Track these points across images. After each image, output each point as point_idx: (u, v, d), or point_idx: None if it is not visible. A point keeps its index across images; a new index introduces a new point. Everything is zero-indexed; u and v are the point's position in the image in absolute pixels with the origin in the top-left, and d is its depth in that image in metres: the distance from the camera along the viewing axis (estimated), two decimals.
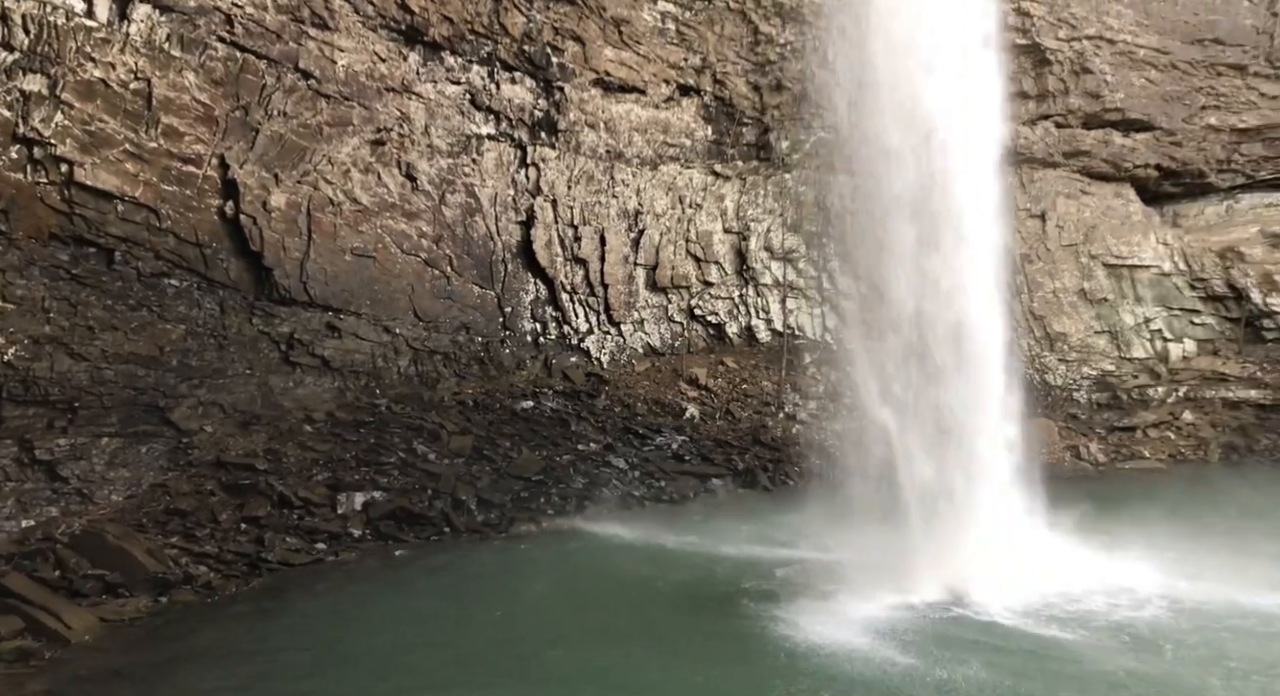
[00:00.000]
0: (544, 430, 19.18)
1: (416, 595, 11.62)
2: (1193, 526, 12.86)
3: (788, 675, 8.31)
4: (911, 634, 9.17)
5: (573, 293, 24.12)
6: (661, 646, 9.50)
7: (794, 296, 25.89)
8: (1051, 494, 12.72)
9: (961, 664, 8.30)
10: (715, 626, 10.11)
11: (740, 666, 8.73)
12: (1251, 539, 12.36)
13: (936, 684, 7.92)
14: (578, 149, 24.74)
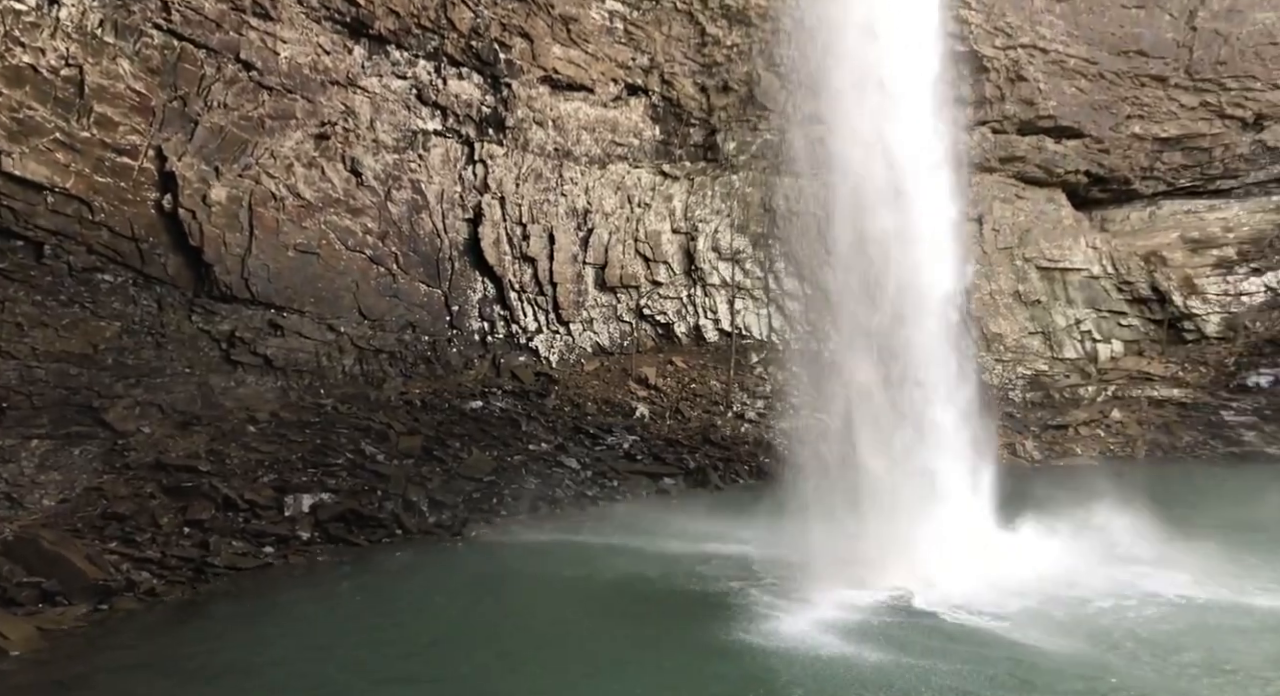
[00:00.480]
0: (494, 430, 18.99)
1: (370, 599, 11.39)
2: (1135, 520, 13.32)
3: (751, 673, 8.34)
4: (873, 629, 9.30)
5: (521, 291, 23.93)
6: (617, 648, 9.45)
7: (741, 297, 26.10)
8: (995, 490, 13.07)
9: (924, 657, 8.45)
10: (672, 626, 10.08)
11: (700, 666, 8.72)
12: (1193, 532, 12.84)
13: (903, 678, 8.04)
14: (526, 146, 24.56)
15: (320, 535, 13.61)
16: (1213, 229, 32.42)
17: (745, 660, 8.67)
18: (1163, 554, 11.86)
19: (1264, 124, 31.98)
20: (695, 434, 21.33)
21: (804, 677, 8.04)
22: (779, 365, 25.28)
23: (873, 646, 8.76)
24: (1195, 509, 15.68)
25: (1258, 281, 30.71)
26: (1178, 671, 8.26)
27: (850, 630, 9.22)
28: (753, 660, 8.65)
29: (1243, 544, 12.27)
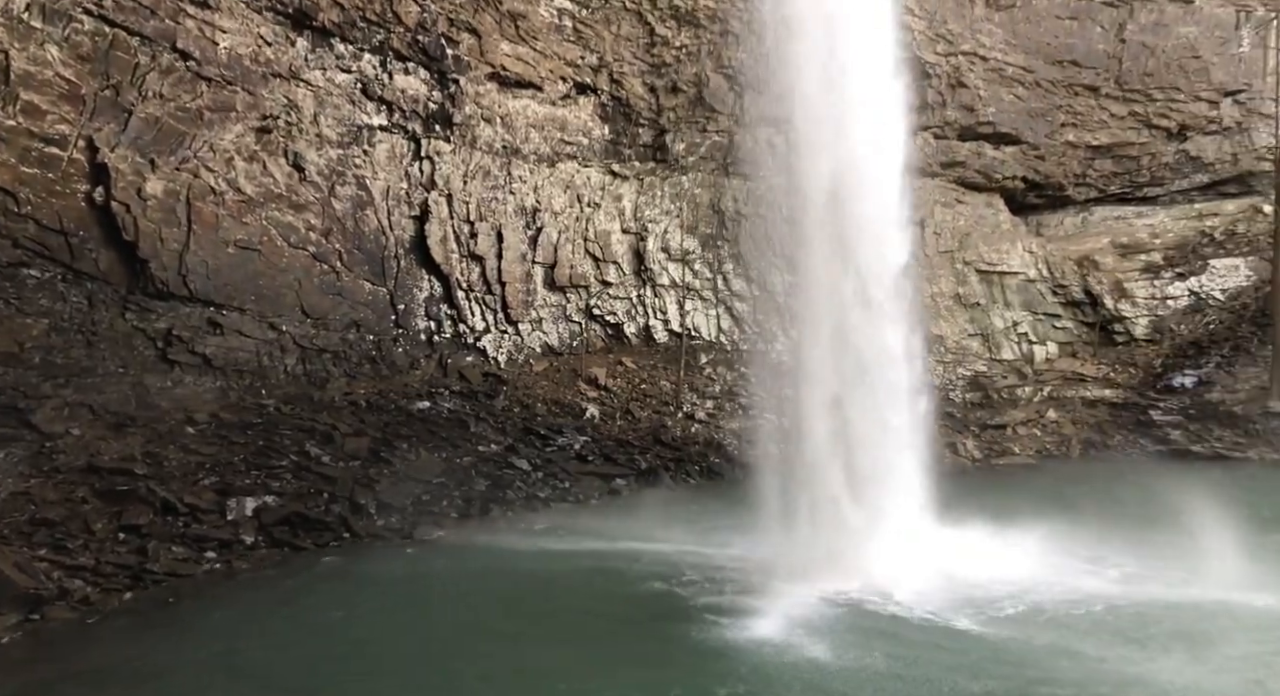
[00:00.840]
0: (442, 431, 18.67)
1: (317, 605, 11.07)
2: (1075, 517, 13.66)
3: (713, 674, 8.30)
4: (837, 629, 9.34)
5: (469, 290, 23.60)
6: (575, 651, 9.32)
7: (690, 298, 26.15)
8: (938, 489, 13.23)
9: (886, 655, 8.51)
10: (630, 627, 10.02)
11: (659, 668, 8.65)
12: (1131, 528, 13.18)
13: (868, 677, 8.08)
14: (474, 143, 24.24)
15: (264, 539, 13.19)
16: (1141, 235, 33.58)
17: (706, 663, 8.61)
18: (1104, 550, 12.17)
19: (1187, 134, 33.23)
20: (646, 434, 21.27)
21: (774, 679, 8.02)
22: (728, 366, 25.40)
23: (837, 645, 8.79)
24: (1129, 505, 16.15)
25: (1182, 286, 31.88)
26: (1135, 663, 8.46)
27: (817, 630, 9.24)
28: (714, 663, 8.59)
29: (1176, 539, 12.64)
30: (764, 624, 9.42)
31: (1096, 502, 16.74)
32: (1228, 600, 10.16)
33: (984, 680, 8.00)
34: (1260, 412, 26.12)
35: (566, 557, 12.59)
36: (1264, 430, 25.79)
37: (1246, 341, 29.45)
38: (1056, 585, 10.75)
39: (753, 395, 23.75)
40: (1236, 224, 33.68)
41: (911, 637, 9.07)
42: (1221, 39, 32.92)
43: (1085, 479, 21.47)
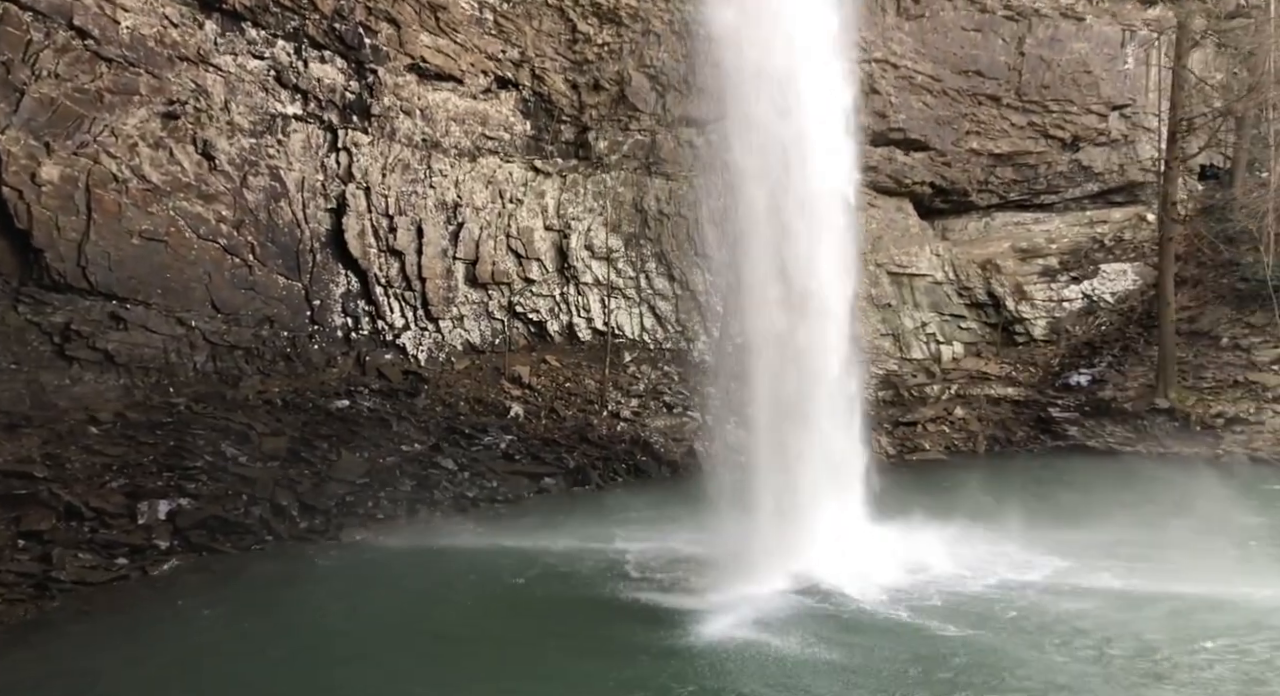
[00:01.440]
0: (364, 431, 18.13)
1: (242, 611, 10.58)
2: (996, 510, 14.17)
3: (670, 672, 8.26)
4: (784, 622, 9.42)
5: (388, 286, 23.00)
6: (527, 653, 9.16)
7: (614, 296, 26.08)
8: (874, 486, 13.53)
9: (838, 646, 8.64)
10: (577, 627, 9.93)
11: (616, 670, 8.57)
12: (1046, 520, 13.71)
13: (819, 665, 8.18)
14: (392, 136, 23.63)
15: (181, 544, 12.54)
16: (1038, 240, 35.14)
17: (661, 662, 8.56)
18: (1029, 540, 12.64)
19: (1080, 145, 34.92)
20: (572, 433, 21.12)
21: (733, 675, 8.04)
22: (652, 364, 25.47)
23: (788, 638, 8.89)
24: (1041, 498, 16.83)
25: (1076, 289, 33.52)
26: (1080, 653, 8.78)
27: (765, 625, 9.32)
28: (668, 662, 8.56)
29: (1095, 529, 13.24)
30: (716, 621, 9.42)
31: (1014, 496, 17.38)
32: (1148, 590, 10.71)
33: (932, 669, 8.20)
34: (1148, 410, 27.67)
35: (505, 558, 12.36)
36: (1151, 426, 27.33)
37: (1134, 342, 31.17)
38: (988, 577, 11.10)
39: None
40: (1124, 231, 35.61)
41: (862, 628, 9.24)
42: (1110, 56, 34.72)
43: (996, 473, 22.32)
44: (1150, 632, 9.28)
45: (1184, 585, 10.62)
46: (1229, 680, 8.08)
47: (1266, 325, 28.97)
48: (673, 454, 20.84)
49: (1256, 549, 12.64)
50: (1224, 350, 28.81)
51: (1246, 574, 10.95)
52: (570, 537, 13.61)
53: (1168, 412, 27.15)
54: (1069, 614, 9.71)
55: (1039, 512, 15.28)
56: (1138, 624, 9.57)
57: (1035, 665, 8.33)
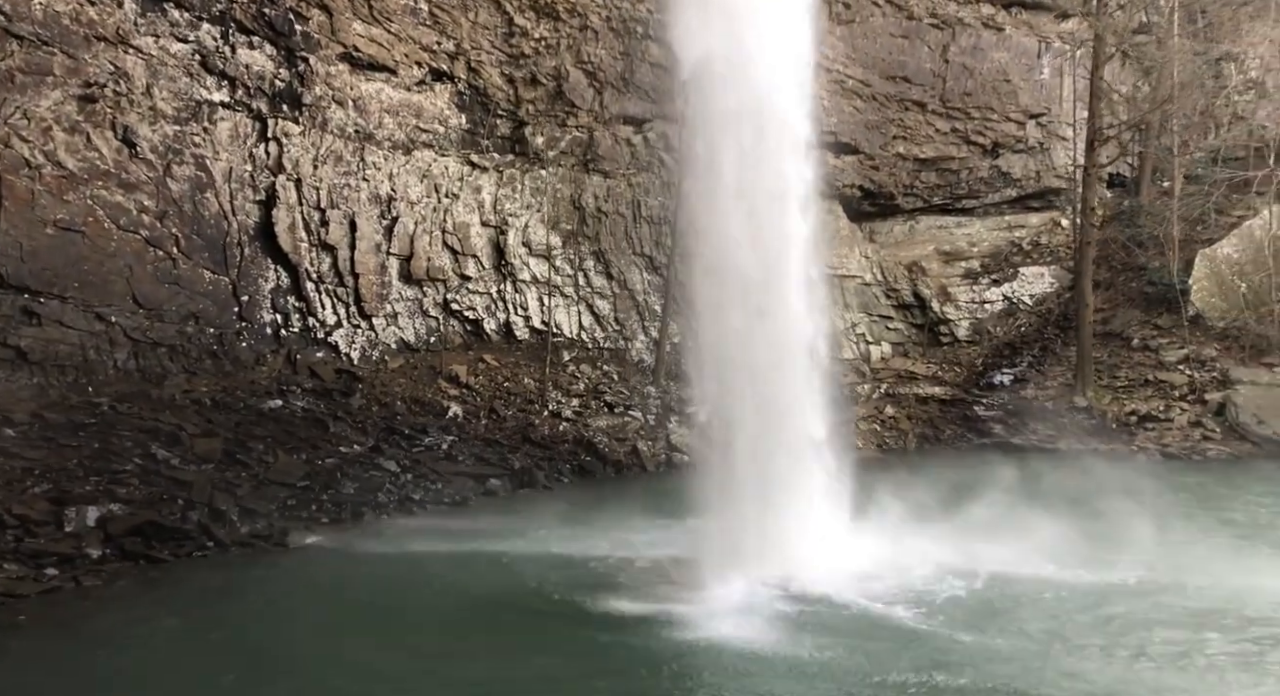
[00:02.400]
0: (300, 431, 17.44)
1: (187, 622, 9.97)
2: (942, 505, 14.43)
3: (663, 674, 8.10)
4: (769, 620, 9.35)
5: (319, 282, 22.20)
6: (497, 666, 8.80)
7: (552, 294, 25.76)
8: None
9: (830, 648, 8.56)
10: (552, 631, 9.58)
11: (597, 676, 8.35)
12: (1002, 515, 14.00)
13: (810, 660, 8.13)
14: (324, 126, 22.84)
15: (114, 552, 11.79)
16: (960, 243, 36.18)
17: (647, 666, 8.37)
18: (989, 535, 12.86)
19: (999, 152, 36.10)
20: (514, 433, 20.76)
21: (728, 673, 7.92)
22: (591, 363, 25.25)
23: (777, 634, 8.82)
24: (984, 493, 17.11)
25: (997, 291, 34.63)
26: (1052, 643, 8.95)
27: (754, 622, 9.24)
28: (649, 666, 8.38)
29: (1051, 523, 13.55)
30: (705, 621, 9.28)
31: (959, 491, 17.72)
32: (1100, 581, 11.07)
33: (914, 664, 8.26)
34: (1067, 408, 28.74)
35: (465, 563, 11.99)
36: (1070, 424, 28.38)
37: (1052, 343, 32.36)
38: (957, 570, 11.20)
39: (620, 392, 23.73)
40: (1040, 236, 36.97)
41: (840, 628, 9.22)
42: (1027, 66, 35.97)
43: (933, 469, 22.73)
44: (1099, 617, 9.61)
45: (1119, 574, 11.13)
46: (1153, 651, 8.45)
47: (1173, 327, 30.43)
48: (616, 453, 20.67)
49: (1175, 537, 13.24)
50: (1135, 351, 30.15)
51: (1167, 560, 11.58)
52: (525, 541, 13.30)
53: (1086, 410, 28.26)
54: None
55: (997, 507, 15.49)
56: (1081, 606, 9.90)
57: (975, 646, 8.57)
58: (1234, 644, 8.82)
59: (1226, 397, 27.12)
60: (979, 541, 12.59)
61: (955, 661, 8.23)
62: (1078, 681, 7.87)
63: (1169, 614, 9.81)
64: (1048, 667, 8.17)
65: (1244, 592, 10.36)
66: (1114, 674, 8.10)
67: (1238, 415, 26.60)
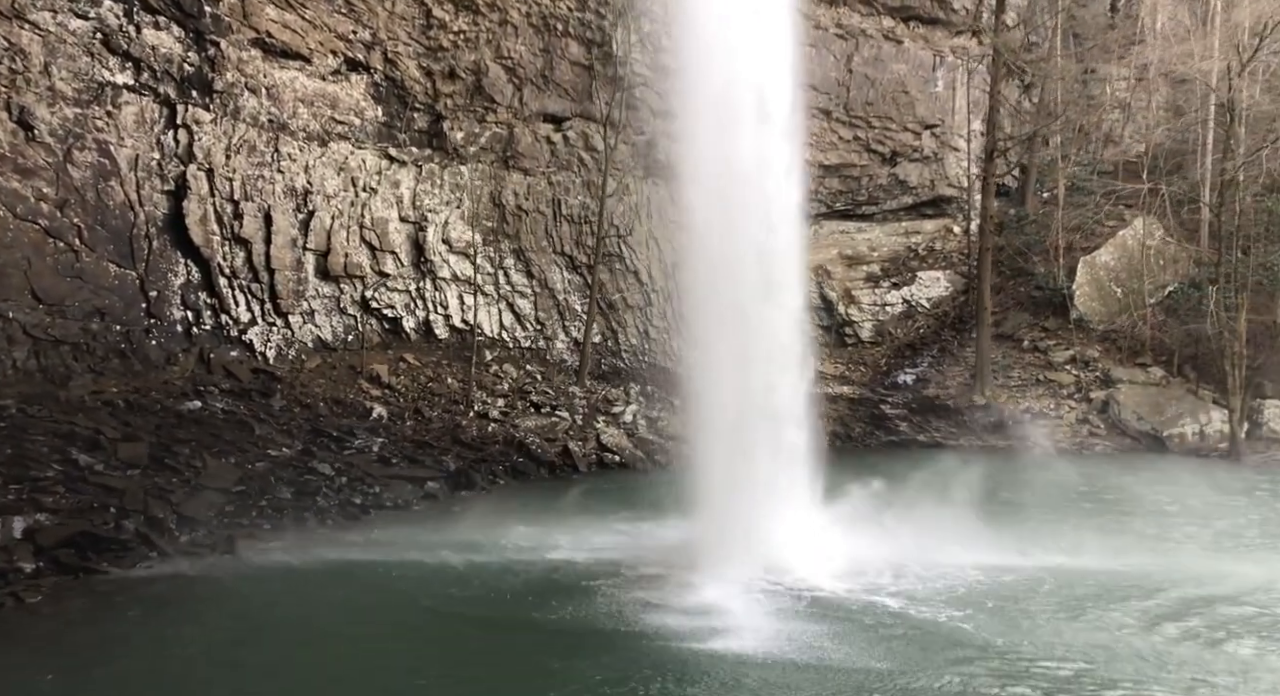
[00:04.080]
0: (224, 434, 16.57)
1: (139, 638, 9.35)
2: (893, 500, 14.95)
3: (664, 673, 8.10)
4: (767, 615, 9.46)
5: (233, 277, 21.15)
6: (483, 671, 8.59)
7: (472, 292, 25.30)
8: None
9: (827, 640, 8.73)
10: (534, 637, 9.37)
11: (608, 668, 8.27)
12: (947, 509, 14.55)
13: (832, 664, 8.26)
14: (237, 115, 21.77)
15: (49, 565, 10.92)
16: (861, 248, 37.47)
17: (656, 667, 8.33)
18: (951, 529, 13.36)
19: (897, 160, 37.59)
20: (442, 434, 20.30)
21: (722, 672, 7.99)
22: (514, 363, 24.95)
23: (788, 632, 8.93)
24: (921, 488, 17.65)
25: (897, 294, 36.05)
26: (1025, 626, 9.41)
27: (752, 617, 9.34)
28: (644, 664, 8.36)
29: (999, 516, 14.23)
30: (694, 617, 9.32)
31: (905, 486, 18.31)
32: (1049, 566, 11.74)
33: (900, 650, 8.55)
34: (967, 406, 30.21)
35: (416, 570, 11.61)
36: (970, 421, 29.86)
37: (950, 344, 33.93)
38: (927, 563, 11.59)
39: (545, 392, 23.51)
40: (935, 241, 38.69)
41: (840, 615, 9.40)
42: (924, 78, 37.57)
43: (860, 465, 23.30)
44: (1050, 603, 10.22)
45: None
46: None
47: (1059, 329, 32.42)
48: (548, 454, 20.50)
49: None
50: (1026, 352, 31.96)
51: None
52: (487, 543, 13.02)
53: (984, 409, 29.76)
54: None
55: (941, 502, 16.04)
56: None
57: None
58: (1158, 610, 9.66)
59: (1109, 396, 29.08)
60: (929, 538, 13.11)
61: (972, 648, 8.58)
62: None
63: (1135, 593, 10.54)
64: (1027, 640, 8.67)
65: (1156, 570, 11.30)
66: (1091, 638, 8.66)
67: (1119, 412, 28.57)
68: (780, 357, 12.01)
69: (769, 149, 12.18)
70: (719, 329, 11.74)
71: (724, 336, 11.64)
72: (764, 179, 12.10)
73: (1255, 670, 8.22)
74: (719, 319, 11.79)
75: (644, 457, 21.88)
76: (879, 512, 14.44)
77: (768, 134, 12.11)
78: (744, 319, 11.66)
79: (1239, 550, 13.54)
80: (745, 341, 11.59)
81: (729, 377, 11.52)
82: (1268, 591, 10.65)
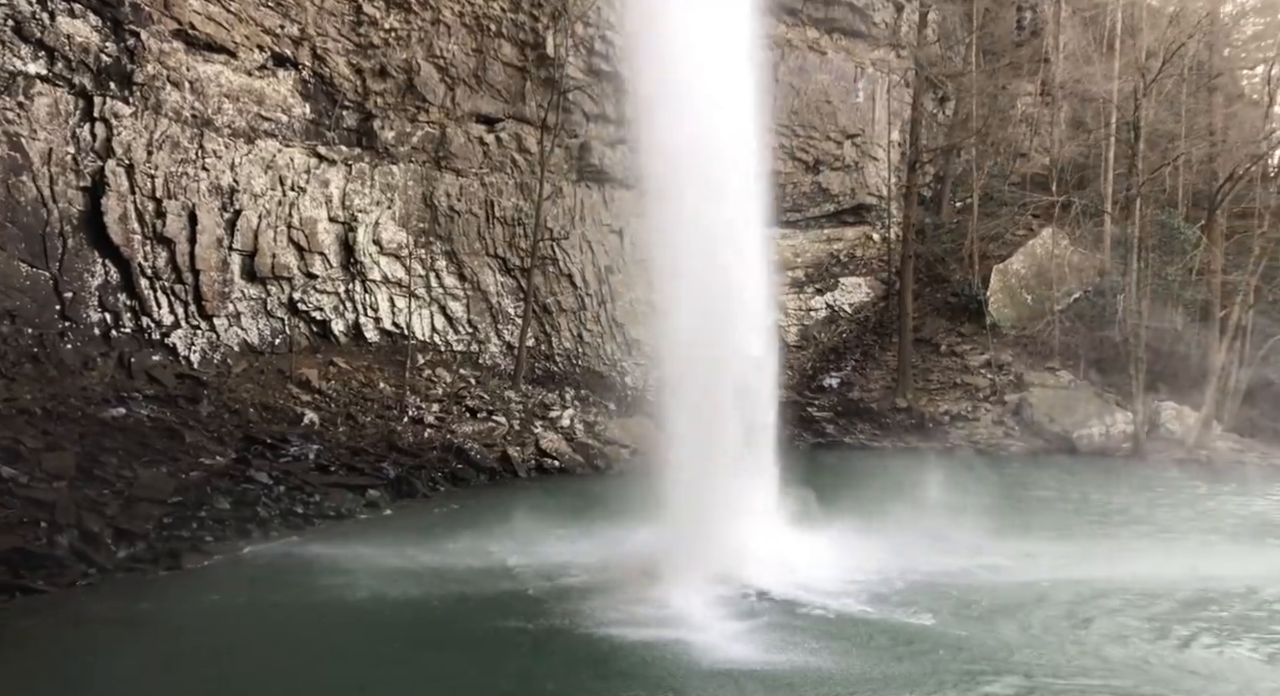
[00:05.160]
0: (154, 443, 15.87)
1: (86, 664, 8.89)
2: (836, 504, 15.31)
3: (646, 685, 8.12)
4: (738, 623, 9.53)
5: (155, 278, 20.26)
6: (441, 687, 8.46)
7: (403, 295, 24.84)
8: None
9: (798, 649, 8.86)
10: (506, 647, 9.28)
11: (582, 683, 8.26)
12: (904, 511, 14.97)
13: (805, 671, 8.39)
14: (159, 109, 20.89)
15: None
16: (786, 254, 38.14)
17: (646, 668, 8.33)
18: (914, 531, 13.76)
19: (820, 168, 38.51)
20: (378, 441, 19.86)
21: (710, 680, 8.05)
22: (447, 367, 24.59)
23: (762, 640, 9.04)
24: (861, 490, 18.12)
25: (820, 300, 36.91)
26: (987, 626, 9.74)
27: (728, 626, 9.41)
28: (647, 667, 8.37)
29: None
30: (667, 627, 9.33)
31: (848, 488, 18.73)
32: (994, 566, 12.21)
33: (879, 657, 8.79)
34: (890, 409, 31.13)
35: (378, 580, 11.33)
36: (892, 423, 30.78)
37: (872, 348, 34.92)
38: (905, 575, 11.79)
39: (480, 397, 23.22)
40: (855, 248, 39.74)
41: (826, 624, 9.53)
42: (846, 89, 38.56)
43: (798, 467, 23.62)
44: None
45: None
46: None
47: (975, 334, 33.67)
48: (488, 460, 20.27)
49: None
50: (944, 356, 33.09)
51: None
52: (431, 553, 12.80)
53: (906, 411, 30.72)
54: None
55: (889, 504, 16.39)
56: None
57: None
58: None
59: (1022, 399, 30.35)
60: (874, 537, 13.50)
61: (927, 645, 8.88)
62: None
63: (1066, 586, 11.09)
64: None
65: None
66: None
67: (1032, 414, 29.85)
68: (750, 363, 12.18)
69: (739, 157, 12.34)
70: (691, 336, 11.82)
71: (696, 342, 11.73)
72: (730, 191, 12.24)
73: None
74: (691, 326, 11.87)
75: (584, 462, 21.86)
76: (835, 516, 14.78)
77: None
78: (717, 326, 11.78)
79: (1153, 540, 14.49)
80: (717, 347, 11.71)
81: (701, 383, 11.61)
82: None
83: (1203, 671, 8.48)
